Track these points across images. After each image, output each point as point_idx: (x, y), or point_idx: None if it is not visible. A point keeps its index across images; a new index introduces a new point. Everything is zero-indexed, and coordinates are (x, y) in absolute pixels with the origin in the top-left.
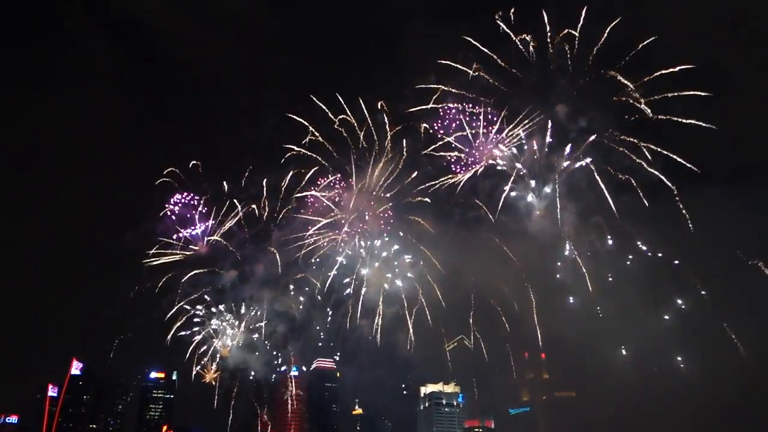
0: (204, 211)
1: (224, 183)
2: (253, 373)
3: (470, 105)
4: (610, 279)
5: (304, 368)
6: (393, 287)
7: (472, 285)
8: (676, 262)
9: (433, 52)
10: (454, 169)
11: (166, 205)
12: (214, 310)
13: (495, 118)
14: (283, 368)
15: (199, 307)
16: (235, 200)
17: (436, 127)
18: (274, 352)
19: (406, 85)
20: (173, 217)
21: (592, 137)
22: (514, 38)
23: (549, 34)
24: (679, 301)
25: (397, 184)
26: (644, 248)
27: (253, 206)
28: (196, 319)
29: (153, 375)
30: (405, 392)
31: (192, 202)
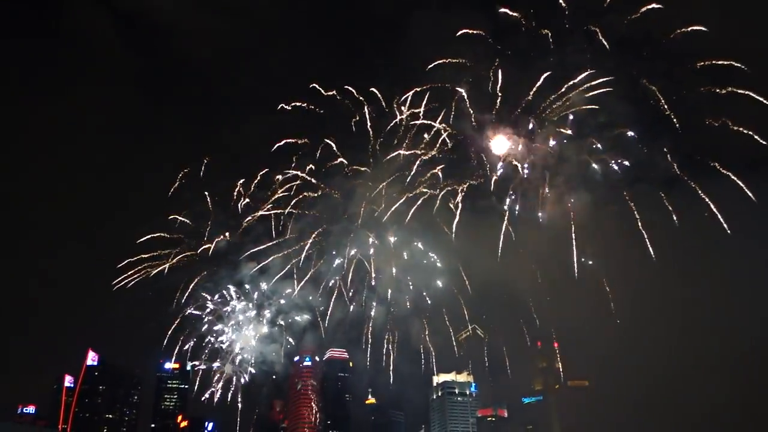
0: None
1: (238, 182)
2: (273, 365)
3: (481, 106)
4: (624, 270)
5: (317, 358)
6: (406, 278)
7: (484, 275)
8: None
9: (445, 45)
10: (470, 166)
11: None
12: (230, 307)
13: (509, 111)
14: (296, 359)
15: (209, 305)
16: (248, 199)
17: (447, 124)
18: (289, 344)
19: (415, 80)
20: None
21: (615, 132)
22: (521, 22)
23: (567, 26)
24: (692, 293)
25: (412, 179)
26: (660, 240)
27: (268, 205)
28: (209, 312)
29: (167, 365)
30: (418, 382)
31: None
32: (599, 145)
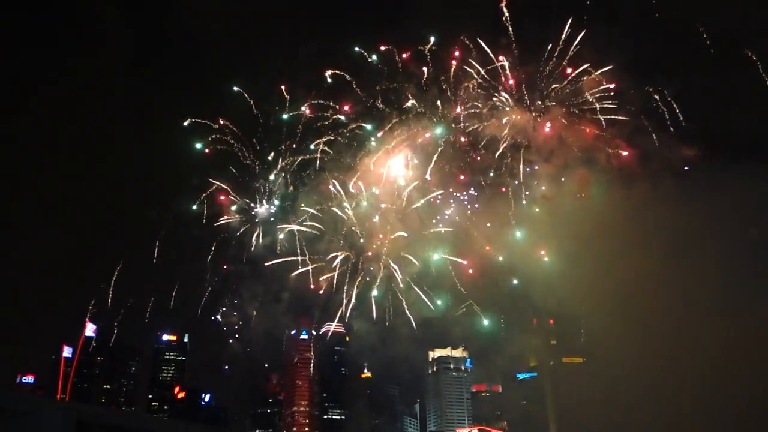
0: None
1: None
2: (277, 340)
3: (488, 82)
4: (623, 250)
5: (313, 332)
6: (406, 255)
7: (481, 251)
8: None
9: (451, 25)
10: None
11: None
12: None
13: (514, 91)
14: (293, 332)
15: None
16: (263, 179)
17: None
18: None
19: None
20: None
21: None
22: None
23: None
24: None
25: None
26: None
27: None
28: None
29: (165, 337)
30: (413, 357)
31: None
32: (608, 131)
